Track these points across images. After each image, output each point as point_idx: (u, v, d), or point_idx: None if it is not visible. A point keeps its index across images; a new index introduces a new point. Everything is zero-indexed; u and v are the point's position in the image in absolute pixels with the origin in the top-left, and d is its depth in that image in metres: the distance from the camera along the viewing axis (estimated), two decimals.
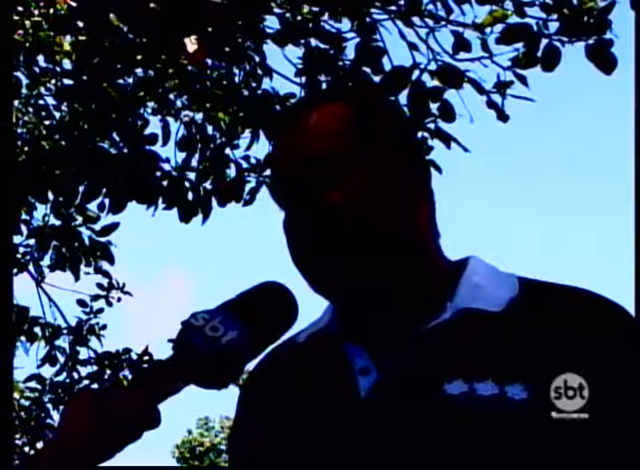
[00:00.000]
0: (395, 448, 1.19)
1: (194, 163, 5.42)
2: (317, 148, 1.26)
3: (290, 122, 1.31)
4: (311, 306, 1.38)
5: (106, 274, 6.11)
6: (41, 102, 5.70)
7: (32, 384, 6.38)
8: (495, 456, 1.16)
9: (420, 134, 5.21)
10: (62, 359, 6.27)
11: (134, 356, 5.99)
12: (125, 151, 5.18)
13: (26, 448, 6.67)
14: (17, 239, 5.67)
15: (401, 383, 1.22)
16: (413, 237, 1.27)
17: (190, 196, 5.30)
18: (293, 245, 1.28)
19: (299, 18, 5.07)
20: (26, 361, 6.32)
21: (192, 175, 5.36)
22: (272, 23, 5.09)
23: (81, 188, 5.16)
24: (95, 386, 6.01)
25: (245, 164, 5.43)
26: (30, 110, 5.66)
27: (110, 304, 6.37)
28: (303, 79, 4.97)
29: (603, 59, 4.50)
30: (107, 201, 5.15)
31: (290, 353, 1.36)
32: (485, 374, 1.18)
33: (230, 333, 1.20)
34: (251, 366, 1.41)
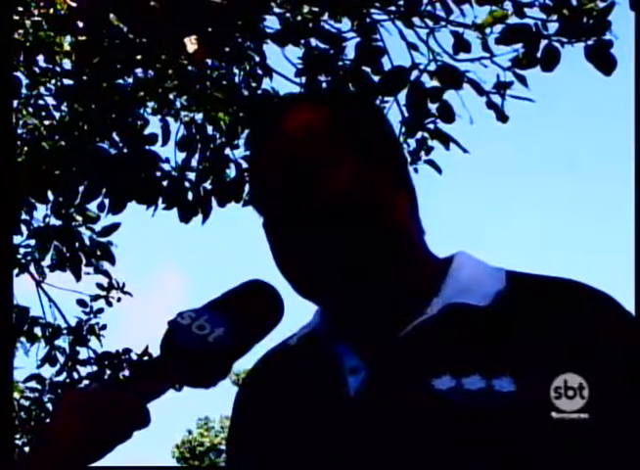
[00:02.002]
0: (385, 446, 1.20)
1: (194, 163, 5.42)
2: (298, 149, 1.28)
3: (269, 126, 1.33)
4: (306, 309, 1.39)
5: (106, 274, 6.11)
6: (41, 102, 5.70)
7: (32, 384, 6.39)
8: (485, 450, 1.16)
9: (420, 134, 5.22)
10: (62, 359, 6.27)
11: (134, 356, 5.99)
12: (125, 151, 5.18)
13: (26, 449, 6.67)
14: (17, 239, 5.67)
15: (389, 380, 1.23)
16: (395, 234, 1.28)
17: (190, 196, 5.30)
18: (277, 250, 1.29)
19: (299, 18, 5.07)
20: (26, 361, 6.33)
21: (192, 175, 5.37)
22: (272, 23, 5.10)
23: (81, 188, 5.16)
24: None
25: (245, 165, 5.42)
26: (30, 110, 5.65)
27: (110, 304, 6.37)
28: (303, 79, 4.97)
29: (602, 60, 4.50)
30: (107, 201, 5.16)
31: (282, 356, 1.37)
32: (473, 368, 1.19)
33: (217, 330, 1.21)
34: (246, 367, 1.42)
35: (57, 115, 5.62)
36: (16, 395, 6.36)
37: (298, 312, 1.39)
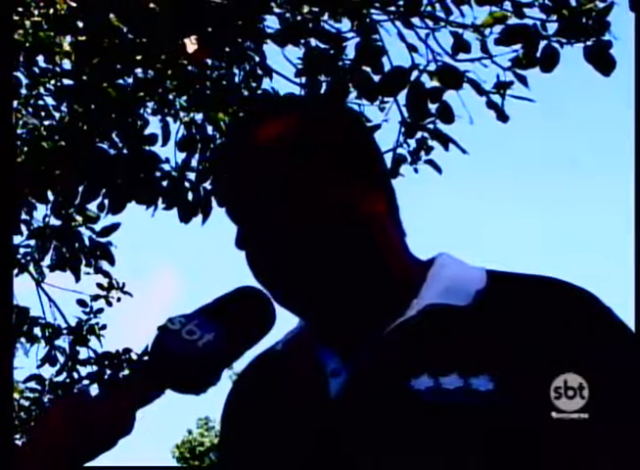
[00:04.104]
0: (365, 447, 1.20)
1: (194, 163, 5.42)
2: (268, 161, 1.29)
3: (238, 139, 1.34)
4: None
5: (106, 274, 6.10)
6: (41, 102, 5.70)
7: (32, 384, 6.38)
8: (463, 448, 1.16)
9: (419, 134, 5.22)
10: (62, 359, 6.27)
11: (134, 356, 5.99)
12: (125, 151, 5.18)
13: None
14: (17, 239, 5.67)
15: (369, 382, 1.24)
16: (371, 238, 1.29)
17: (190, 196, 5.31)
18: (251, 260, 1.30)
19: (299, 18, 5.07)
20: (26, 362, 6.32)
21: (192, 175, 5.37)
22: (272, 23, 5.10)
23: (81, 188, 5.16)
24: (95, 386, 6.01)
25: None
26: (30, 110, 5.65)
27: (110, 304, 6.36)
28: (303, 79, 4.97)
29: (601, 60, 4.50)
30: (106, 201, 5.16)
31: (268, 361, 1.39)
32: (451, 368, 1.19)
33: (206, 336, 1.20)
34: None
35: (57, 115, 5.62)
36: (15, 395, 6.36)
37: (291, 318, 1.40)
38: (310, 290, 1.27)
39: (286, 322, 1.36)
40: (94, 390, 1.24)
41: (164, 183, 5.28)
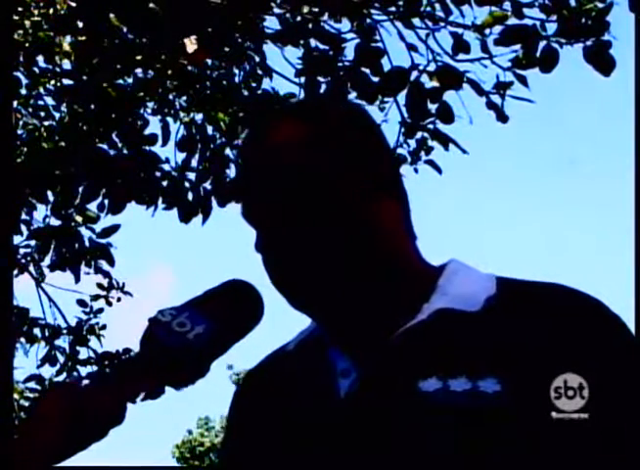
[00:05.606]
0: (372, 447, 1.21)
1: (194, 163, 5.43)
2: (280, 160, 1.30)
3: (252, 143, 1.35)
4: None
5: (106, 274, 6.10)
6: (41, 102, 5.71)
7: (32, 384, 6.39)
8: (471, 449, 1.17)
9: (419, 134, 5.23)
10: (62, 359, 6.28)
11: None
12: (125, 151, 5.19)
13: None
14: (17, 239, 5.67)
15: (378, 382, 1.25)
16: (383, 241, 1.29)
17: (190, 196, 5.31)
18: (269, 264, 1.31)
19: (299, 18, 5.07)
20: (26, 362, 6.33)
21: (192, 175, 5.37)
22: (272, 23, 5.11)
23: (81, 188, 5.17)
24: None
25: None
26: (30, 110, 5.66)
27: (110, 303, 6.37)
28: (303, 80, 4.98)
29: (601, 60, 4.50)
30: (106, 201, 5.16)
31: (279, 361, 1.39)
32: (460, 371, 1.20)
33: (197, 328, 1.22)
34: (247, 367, 1.42)
35: (57, 115, 5.62)
36: (15, 395, 6.36)
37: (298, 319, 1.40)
38: (323, 292, 1.28)
39: (298, 323, 1.37)
40: None
41: (164, 183, 5.29)
